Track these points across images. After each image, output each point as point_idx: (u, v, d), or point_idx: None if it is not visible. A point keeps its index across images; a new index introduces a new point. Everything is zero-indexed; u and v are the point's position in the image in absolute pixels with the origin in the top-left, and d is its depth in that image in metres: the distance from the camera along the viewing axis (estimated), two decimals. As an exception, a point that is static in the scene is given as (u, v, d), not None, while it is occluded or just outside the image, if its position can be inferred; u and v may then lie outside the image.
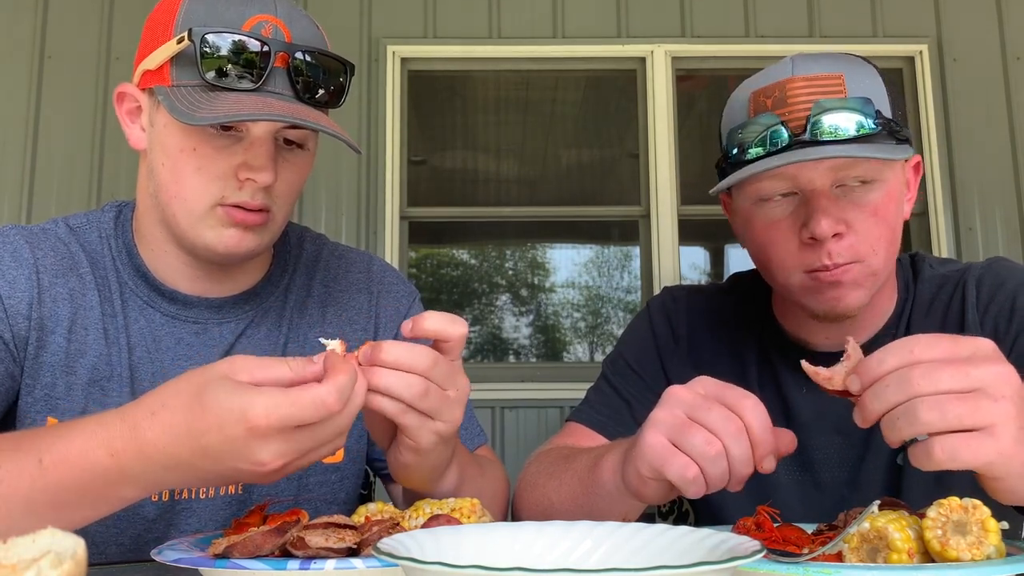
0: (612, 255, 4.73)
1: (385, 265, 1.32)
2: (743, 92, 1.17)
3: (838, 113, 1.06)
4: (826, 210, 1.08)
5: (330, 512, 1.17)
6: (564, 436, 1.26)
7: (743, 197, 1.16)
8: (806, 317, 1.19)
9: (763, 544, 0.56)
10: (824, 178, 1.09)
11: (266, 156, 1.04)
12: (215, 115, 0.96)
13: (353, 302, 1.25)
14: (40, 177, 3.92)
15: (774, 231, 1.13)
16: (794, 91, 1.09)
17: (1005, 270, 1.21)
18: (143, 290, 1.14)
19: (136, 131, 1.11)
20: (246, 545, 0.75)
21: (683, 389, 0.88)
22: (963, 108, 4.04)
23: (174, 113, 0.99)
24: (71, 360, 1.09)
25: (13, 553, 0.52)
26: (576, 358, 4.63)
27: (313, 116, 1.01)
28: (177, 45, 1.00)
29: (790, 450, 0.86)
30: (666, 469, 0.85)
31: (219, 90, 1.00)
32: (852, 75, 1.11)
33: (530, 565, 0.47)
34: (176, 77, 1.02)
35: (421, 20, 4.12)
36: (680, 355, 1.29)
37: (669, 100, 4.09)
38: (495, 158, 4.56)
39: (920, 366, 0.74)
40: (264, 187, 1.05)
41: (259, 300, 1.19)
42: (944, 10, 4.14)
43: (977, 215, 4.00)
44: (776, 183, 1.11)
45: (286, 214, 1.13)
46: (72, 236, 1.15)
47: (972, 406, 0.72)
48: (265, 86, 1.02)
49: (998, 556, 0.73)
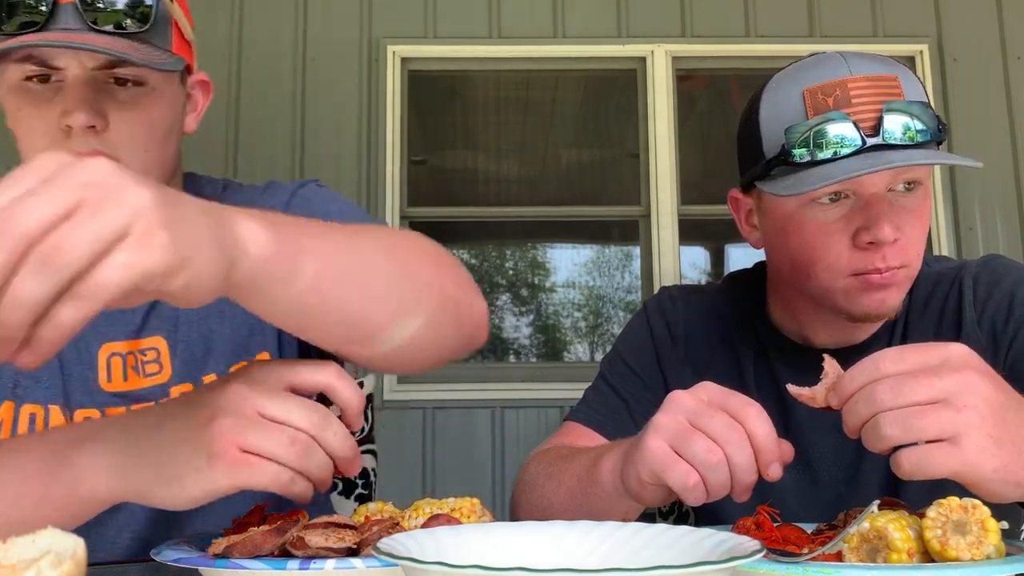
0: (612, 255, 4.73)
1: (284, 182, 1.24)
2: (793, 88, 1.12)
3: (906, 116, 1.05)
4: (887, 215, 1.08)
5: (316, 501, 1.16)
6: (562, 436, 1.26)
7: (789, 199, 1.12)
8: (816, 313, 1.19)
9: (763, 544, 0.56)
10: (885, 182, 1.09)
11: (76, 98, 0.99)
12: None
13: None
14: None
15: (825, 234, 1.11)
16: (858, 91, 1.07)
17: (1002, 267, 1.21)
18: None
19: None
20: (246, 545, 0.75)
21: (686, 394, 0.88)
22: (963, 108, 4.04)
23: None
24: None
25: (13, 553, 0.52)
26: (577, 358, 4.63)
27: (113, 44, 0.97)
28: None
29: (788, 460, 0.87)
30: (667, 476, 0.85)
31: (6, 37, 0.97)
32: (904, 78, 1.11)
33: (530, 565, 0.47)
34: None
35: (421, 20, 4.12)
36: (677, 355, 1.29)
37: (669, 100, 4.09)
38: (495, 158, 4.56)
39: (885, 381, 0.75)
40: (90, 132, 1.00)
41: None
42: (944, 10, 4.14)
43: (977, 215, 4.00)
44: (838, 186, 1.08)
45: (144, 160, 1.05)
46: None
47: (934, 418, 0.73)
48: (54, 24, 0.97)
49: (998, 556, 0.73)
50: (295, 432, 0.73)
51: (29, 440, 0.86)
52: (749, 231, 1.25)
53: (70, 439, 0.80)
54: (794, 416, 1.20)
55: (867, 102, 1.06)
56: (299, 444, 0.73)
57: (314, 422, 0.73)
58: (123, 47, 0.98)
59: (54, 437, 0.83)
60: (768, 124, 1.14)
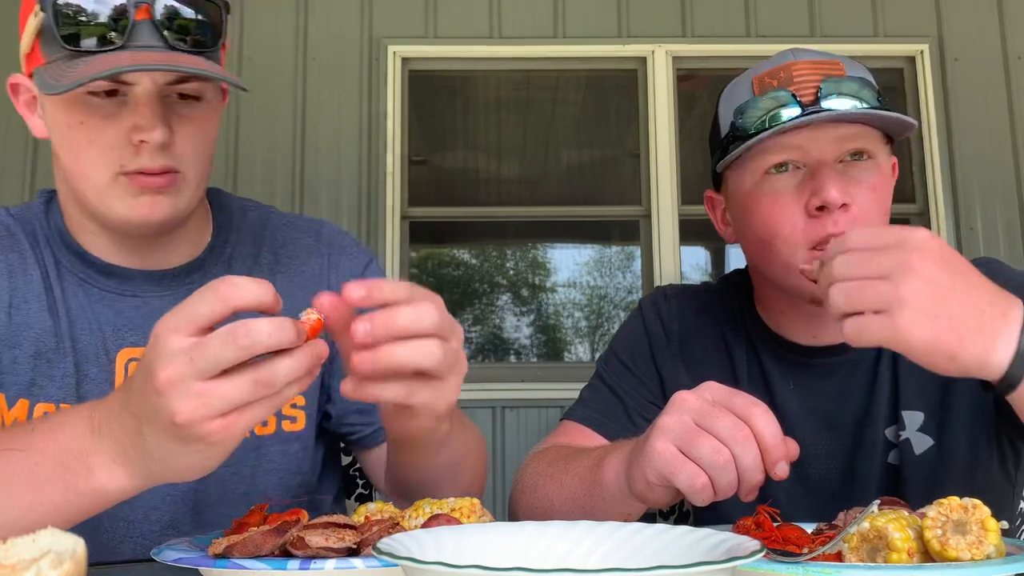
0: (613, 255, 4.73)
1: (336, 228, 1.28)
2: (744, 78, 1.21)
3: (846, 84, 1.12)
4: (835, 178, 1.10)
5: (295, 483, 1.16)
6: (559, 435, 1.26)
7: (745, 176, 1.17)
8: (794, 311, 1.19)
9: (763, 544, 0.56)
10: (832, 148, 1.12)
11: (152, 114, 1.00)
12: (77, 79, 0.94)
13: (304, 267, 1.21)
14: (40, 178, 3.92)
15: (780, 205, 1.14)
16: (800, 71, 1.14)
17: (999, 274, 1.20)
18: (79, 268, 1.12)
19: (36, 121, 1.09)
20: (246, 545, 0.75)
21: (691, 395, 0.88)
22: (963, 108, 4.04)
23: (43, 89, 0.97)
24: (14, 334, 1.08)
25: (13, 553, 0.52)
26: (577, 358, 4.63)
27: (191, 62, 0.98)
28: (35, 19, 0.98)
29: (794, 457, 0.87)
30: (675, 477, 0.85)
31: (83, 55, 0.97)
32: (849, 65, 1.17)
33: (530, 565, 0.47)
34: (46, 53, 1.00)
35: (422, 20, 4.12)
36: (672, 352, 1.29)
37: (670, 100, 4.09)
38: (496, 158, 4.56)
39: (842, 256, 0.84)
40: (161, 147, 1.01)
41: (202, 272, 1.15)
42: (944, 10, 4.14)
43: (978, 215, 4.00)
44: (784, 153, 1.13)
45: (199, 173, 1.08)
46: (11, 218, 1.15)
47: (873, 291, 0.81)
48: (132, 42, 0.98)
49: (998, 556, 0.73)
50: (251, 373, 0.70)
51: (30, 442, 0.85)
52: (723, 228, 1.30)
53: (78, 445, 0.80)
54: (784, 413, 1.20)
55: (807, 79, 1.13)
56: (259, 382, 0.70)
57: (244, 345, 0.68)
58: (200, 64, 0.99)
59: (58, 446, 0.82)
60: (724, 112, 1.22)
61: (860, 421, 1.18)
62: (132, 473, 0.77)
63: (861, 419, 1.18)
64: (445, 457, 0.98)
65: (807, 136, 1.11)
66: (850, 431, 1.18)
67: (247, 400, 0.70)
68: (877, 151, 1.15)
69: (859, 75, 1.14)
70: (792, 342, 1.23)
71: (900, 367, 1.18)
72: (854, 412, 1.19)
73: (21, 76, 1.08)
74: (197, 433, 0.70)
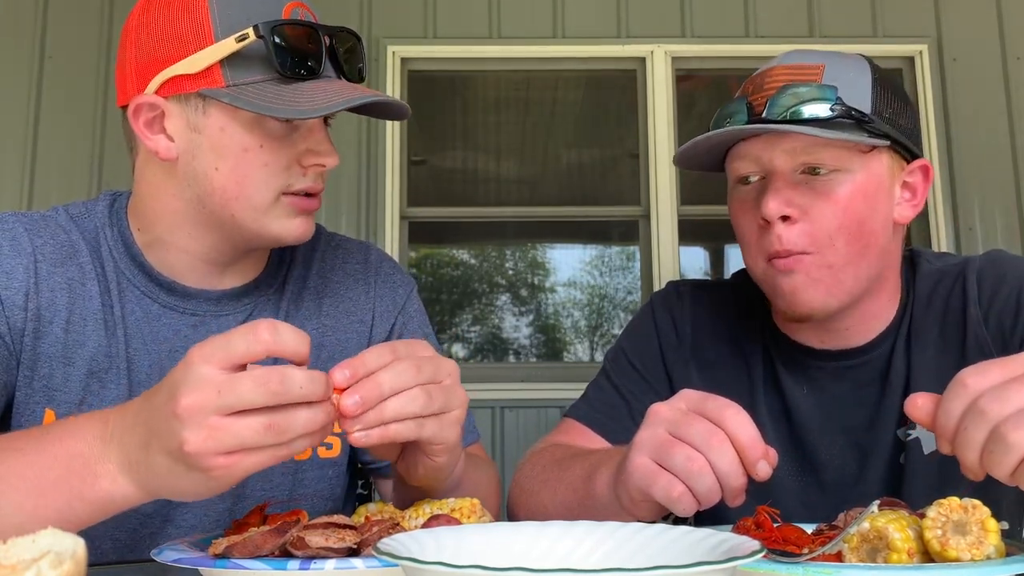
0: (612, 255, 4.73)
1: (383, 255, 1.31)
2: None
3: (796, 95, 1.07)
4: (778, 191, 1.08)
5: (327, 509, 1.17)
6: (560, 433, 1.25)
7: (728, 182, 1.18)
8: None
9: (763, 544, 0.55)
10: (784, 161, 1.09)
11: (328, 140, 1.07)
12: (327, 105, 0.98)
13: (350, 293, 1.23)
14: (40, 178, 3.92)
15: (741, 214, 1.14)
16: (772, 77, 1.11)
17: (1007, 263, 1.19)
18: (140, 279, 1.12)
19: (163, 141, 1.05)
20: (246, 545, 0.75)
21: (664, 406, 0.88)
22: (963, 108, 4.04)
23: (269, 112, 0.98)
24: (69, 351, 1.07)
25: (13, 553, 0.52)
26: (576, 358, 4.63)
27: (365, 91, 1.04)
28: (237, 43, 0.99)
29: (773, 461, 0.86)
30: (652, 490, 0.85)
31: (291, 81, 1.01)
32: (834, 66, 1.11)
33: (530, 565, 0.47)
34: (232, 77, 1.00)
35: (421, 20, 4.12)
36: (683, 355, 1.27)
37: (669, 100, 4.09)
38: (495, 158, 4.56)
39: (984, 395, 0.73)
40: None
41: (257, 293, 1.17)
42: (944, 10, 4.14)
43: (977, 215, 4.00)
44: (745, 164, 1.12)
45: None
46: (72, 224, 1.13)
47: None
48: (324, 71, 1.04)
49: (998, 556, 0.73)
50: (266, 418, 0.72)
51: (40, 444, 0.85)
52: None
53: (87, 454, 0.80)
54: (798, 418, 1.19)
55: (770, 87, 1.10)
56: (273, 427, 0.72)
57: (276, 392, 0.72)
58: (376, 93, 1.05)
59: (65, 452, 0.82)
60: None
61: (873, 423, 1.17)
62: (136, 483, 0.78)
63: (874, 420, 1.17)
64: (448, 489, 0.98)
65: (760, 147, 1.10)
66: (863, 435, 1.17)
67: (257, 444, 0.72)
68: (848, 163, 1.09)
69: (832, 83, 1.09)
70: (805, 345, 1.21)
71: (912, 366, 1.16)
72: (867, 414, 1.17)
73: (151, 97, 1.03)
74: (201, 465, 0.72)
